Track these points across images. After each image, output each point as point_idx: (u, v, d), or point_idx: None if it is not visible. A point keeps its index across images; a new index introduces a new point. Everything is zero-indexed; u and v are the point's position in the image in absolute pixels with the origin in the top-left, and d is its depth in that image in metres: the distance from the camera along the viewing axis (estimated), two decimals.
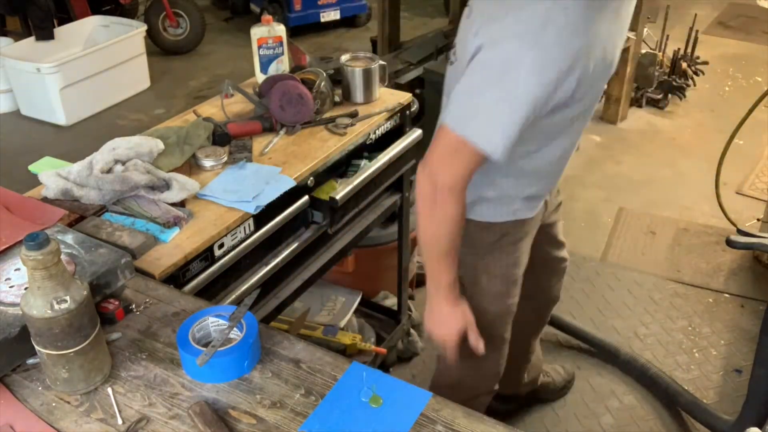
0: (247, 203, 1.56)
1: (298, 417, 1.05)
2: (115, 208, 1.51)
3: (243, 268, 1.61)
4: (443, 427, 1.03)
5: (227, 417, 1.05)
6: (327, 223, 1.79)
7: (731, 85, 4.87)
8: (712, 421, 2.23)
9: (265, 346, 1.17)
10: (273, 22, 2.07)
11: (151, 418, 1.04)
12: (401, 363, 2.60)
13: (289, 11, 5.63)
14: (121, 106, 4.72)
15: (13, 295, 1.17)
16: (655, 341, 2.68)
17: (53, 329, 1.02)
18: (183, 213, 1.50)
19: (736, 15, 6.10)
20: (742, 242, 1.86)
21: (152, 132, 1.76)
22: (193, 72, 5.26)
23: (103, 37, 4.77)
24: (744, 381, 2.29)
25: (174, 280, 1.40)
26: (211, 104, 2.02)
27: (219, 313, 1.17)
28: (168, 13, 5.29)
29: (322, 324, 2.29)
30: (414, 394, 1.09)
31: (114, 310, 1.22)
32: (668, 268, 3.07)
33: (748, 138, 3.55)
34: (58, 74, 4.25)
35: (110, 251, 1.30)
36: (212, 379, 1.10)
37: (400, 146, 1.98)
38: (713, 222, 3.35)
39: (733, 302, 2.88)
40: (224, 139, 1.79)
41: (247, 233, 1.57)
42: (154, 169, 1.59)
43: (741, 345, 2.65)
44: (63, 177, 1.56)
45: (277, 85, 1.86)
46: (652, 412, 2.39)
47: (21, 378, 1.12)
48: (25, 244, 0.96)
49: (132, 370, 1.13)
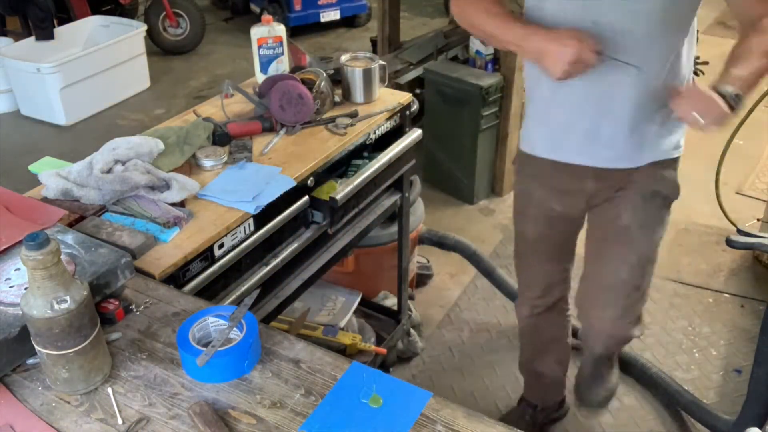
0: (247, 203, 1.56)
1: (298, 417, 1.05)
2: (115, 208, 1.51)
3: (243, 268, 1.61)
4: (443, 427, 1.03)
5: (227, 417, 1.05)
6: (327, 223, 1.79)
7: None
8: (712, 421, 2.23)
9: (265, 346, 1.17)
10: (273, 22, 2.07)
11: (151, 418, 1.04)
12: (401, 363, 2.60)
13: (289, 11, 5.63)
14: (121, 106, 4.72)
15: (13, 295, 1.17)
16: (655, 341, 2.67)
17: (53, 329, 1.02)
18: (183, 213, 1.50)
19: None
20: (742, 242, 1.86)
21: (152, 132, 1.75)
22: (193, 72, 5.26)
23: (103, 37, 4.77)
24: (744, 381, 2.29)
25: (174, 280, 1.40)
26: (211, 104, 2.02)
27: (219, 313, 1.17)
28: (168, 13, 5.29)
29: (322, 324, 2.29)
30: (414, 394, 1.08)
31: (114, 310, 1.22)
32: (668, 268, 3.07)
33: (748, 138, 3.54)
34: (58, 74, 4.26)
35: (110, 251, 1.30)
36: (212, 379, 1.10)
37: (400, 146, 1.98)
38: (713, 222, 3.34)
39: (733, 302, 2.88)
40: (224, 139, 1.79)
41: (247, 233, 1.57)
42: (154, 169, 1.59)
43: (741, 345, 2.65)
44: (63, 177, 1.56)
45: (277, 85, 1.86)
46: (652, 412, 2.39)
47: (21, 378, 1.12)
48: (25, 244, 0.96)
49: (132, 370, 1.13)
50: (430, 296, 2.94)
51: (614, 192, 1.72)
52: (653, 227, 1.74)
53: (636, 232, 1.72)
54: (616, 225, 1.74)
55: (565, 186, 1.76)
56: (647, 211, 1.70)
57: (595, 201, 1.76)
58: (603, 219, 1.78)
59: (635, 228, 1.72)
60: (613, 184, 1.70)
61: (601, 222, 1.79)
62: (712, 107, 1.41)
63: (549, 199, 1.80)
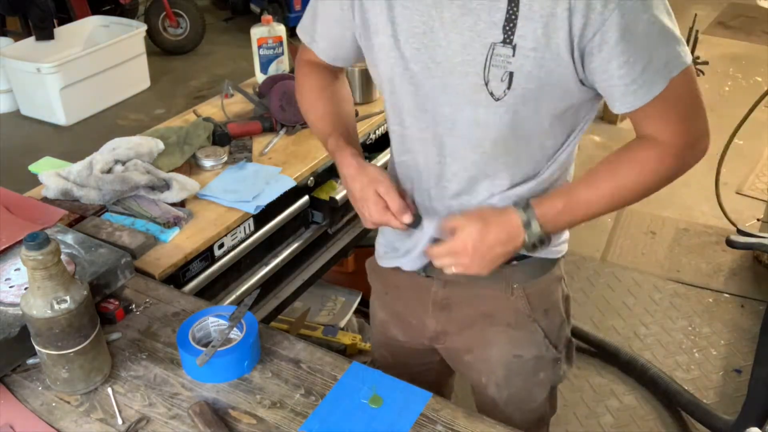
0: (247, 203, 1.56)
1: (298, 417, 1.05)
2: (115, 208, 1.51)
3: (243, 268, 1.61)
4: (443, 427, 1.03)
5: (227, 417, 1.05)
6: (327, 223, 1.79)
7: (731, 85, 4.87)
8: (712, 421, 2.23)
9: (265, 346, 1.17)
10: (273, 22, 2.07)
11: (151, 418, 1.04)
12: None
13: (289, 11, 5.62)
14: (121, 106, 4.72)
15: (13, 295, 1.17)
16: (655, 341, 2.67)
17: (53, 329, 1.02)
18: (183, 213, 1.50)
19: (736, 15, 6.09)
20: (742, 242, 1.86)
21: (152, 132, 1.76)
22: (193, 72, 5.26)
23: (103, 37, 4.76)
24: (744, 381, 2.29)
25: (174, 280, 1.40)
26: (211, 104, 2.02)
27: (219, 313, 1.17)
28: (168, 13, 5.28)
29: (322, 324, 2.29)
30: (414, 394, 1.08)
31: (114, 310, 1.22)
32: (668, 268, 3.07)
33: (748, 138, 3.54)
34: (58, 74, 4.25)
35: (110, 251, 1.30)
36: (212, 379, 1.10)
37: None
38: (713, 222, 3.34)
39: (733, 302, 2.88)
40: (224, 139, 1.79)
41: (247, 233, 1.57)
42: (154, 169, 1.59)
43: (741, 345, 2.65)
44: (63, 177, 1.56)
45: (277, 85, 1.86)
46: (652, 412, 2.39)
47: (21, 378, 1.12)
48: (25, 244, 0.96)
49: (132, 370, 1.13)
50: None
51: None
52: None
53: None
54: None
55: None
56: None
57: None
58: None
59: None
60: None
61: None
62: (474, 262, 1.10)
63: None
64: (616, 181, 1.09)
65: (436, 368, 1.50)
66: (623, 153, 1.11)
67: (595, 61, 0.98)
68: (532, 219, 1.08)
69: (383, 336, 1.47)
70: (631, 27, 0.95)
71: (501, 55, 1.00)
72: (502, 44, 0.99)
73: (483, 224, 1.08)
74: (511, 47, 0.99)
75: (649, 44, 0.98)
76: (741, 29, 5.82)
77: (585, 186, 1.10)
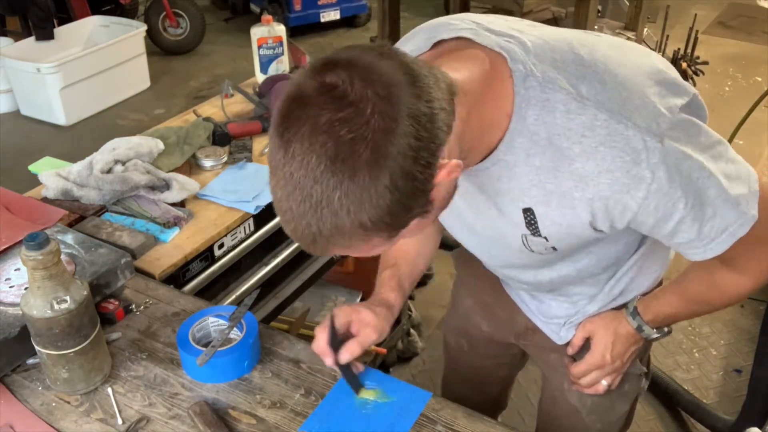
0: (247, 203, 1.56)
1: (298, 417, 1.05)
2: (115, 208, 1.51)
3: (243, 268, 1.61)
4: (443, 427, 1.03)
5: (227, 417, 1.05)
6: None
7: (731, 85, 4.87)
8: (712, 421, 2.23)
9: (265, 346, 1.17)
10: (273, 22, 2.07)
11: (151, 418, 1.04)
12: (401, 363, 2.60)
13: (289, 11, 5.63)
14: (121, 106, 4.72)
15: (13, 295, 1.17)
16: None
17: (53, 329, 1.02)
18: (183, 213, 1.50)
19: (736, 15, 6.09)
20: None
21: (152, 132, 1.76)
22: (193, 72, 5.26)
23: (103, 37, 4.76)
24: (744, 381, 2.29)
25: (174, 280, 1.40)
26: (211, 104, 2.02)
27: (219, 313, 1.17)
28: (168, 13, 5.28)
29: None
30: (414, 394, 1.08)
31: (114, 310, 1.22)
32: (670, 268, 3.07)
33: (748, 138, 3.54)
34: (58, 74, 4.25)
35: (110, 251, 1.30)
36: (212, 379, 1.10)
37: None
38: None
39: None
40: (224, 139, 1.79)
41: (247, 233, 1.57)
42: (154, 169, 1.59)
43: (741, 345, 2.65)
44: (63, 177, 1.56)
45: (277, 85, 1.86)
46: (652, 412, 2.39)
47: (21, 378, 1.12)
48: (25, 244, 0.96)
49: (132, 370, 1.13)
50: (430, 296, 2.93)
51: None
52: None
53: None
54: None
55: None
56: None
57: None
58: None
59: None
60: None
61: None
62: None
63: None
64: (710, 307, 1.24)
65: (509, 364, 1.51)
66: (716, 279, 1.16)
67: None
68: (642, 325, 1.16)
69: (465, 323, 1.45)
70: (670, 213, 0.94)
71: (536, 242, 0.99)
72: (532, 235, 0.97)
73: (612, 335, 1.18)
74: (543, 237, 0.97)
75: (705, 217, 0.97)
76: (741, 29, 5.81)
77: (677, 298, 1.25)
